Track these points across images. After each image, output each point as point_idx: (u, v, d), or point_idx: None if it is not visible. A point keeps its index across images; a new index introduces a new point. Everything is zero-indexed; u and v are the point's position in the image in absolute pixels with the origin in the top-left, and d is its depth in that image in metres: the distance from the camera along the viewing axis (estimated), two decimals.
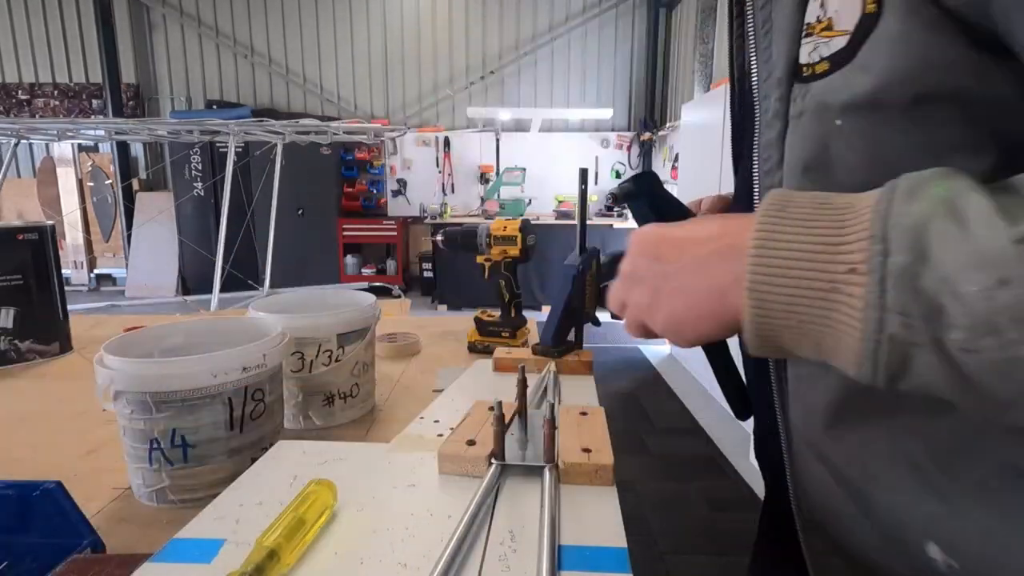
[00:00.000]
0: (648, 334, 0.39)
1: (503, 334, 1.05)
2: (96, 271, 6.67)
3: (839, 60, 0.35)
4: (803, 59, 0.37)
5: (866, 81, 0.33)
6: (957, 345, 0.24)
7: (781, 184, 0.40)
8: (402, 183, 6.66)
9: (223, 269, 2.91)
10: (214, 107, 6.24)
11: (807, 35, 0.37)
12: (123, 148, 6.35)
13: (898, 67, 0.32)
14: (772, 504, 0.60)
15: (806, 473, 0.44)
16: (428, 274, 5.85)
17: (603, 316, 0.89)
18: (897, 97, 0.33)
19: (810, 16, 0.37)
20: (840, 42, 0.34)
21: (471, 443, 0.52)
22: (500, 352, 0.85)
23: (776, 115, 0.40)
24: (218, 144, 5.36)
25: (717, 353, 0.59)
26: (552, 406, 0.51)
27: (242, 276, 3.90)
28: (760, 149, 0.42)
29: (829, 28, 0.35)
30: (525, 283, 3.87)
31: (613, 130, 6.59)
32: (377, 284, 5.17)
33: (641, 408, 3.26)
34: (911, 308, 0.25)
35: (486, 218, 5.41)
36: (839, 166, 0.36)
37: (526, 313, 1.09)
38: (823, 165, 0.37)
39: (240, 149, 4.44)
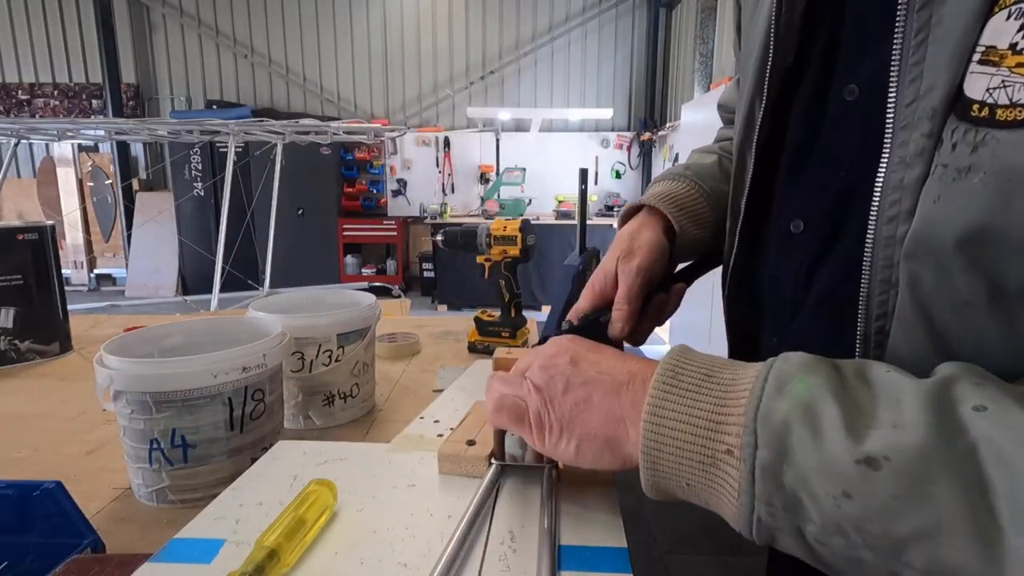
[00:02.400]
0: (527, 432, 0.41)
1: (503, 334, 1.05)
2: (96, 271, 6.67)
3: None
4: (975, 93, 0.29)
5: None
6: (812, 536, 0.27)
7: (904, 240, 0.33)
8: (402, 183, 6.66)
9: (223, 269, 2.92)
10: (214, 107, 6.24)
11: (987, 62, 0.29)
12: (123, 148, 6.35)
13: None
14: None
15: None
16: (428, 274, 5.85)
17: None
18: None
19: (996, 38, 0.28)
20: None
21: (471, 443, 0.52)
22: (500, 352, 0.85)
23: (919, 154, 0.32)
24: (218, 144, 5.36)
25: None
26: None
27: (242, 276, 3.90)
28: (886, 190, 0.34)
29: (1004, 52, 0.28)
30: (525, 283, 3.86)
31: (613, 130, 6.59)
32: (377, 284, 5.18)
33: None
34: (775, 500, 0.28)
35: (486, 218, 5.41)
36: (1020, 248, 0.28)
37: (526, 313, 1.09)
38: (994, 242, 0.29)
39: (240, 149, 4.45)
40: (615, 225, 0.63)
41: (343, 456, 0.54)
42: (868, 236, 0.35)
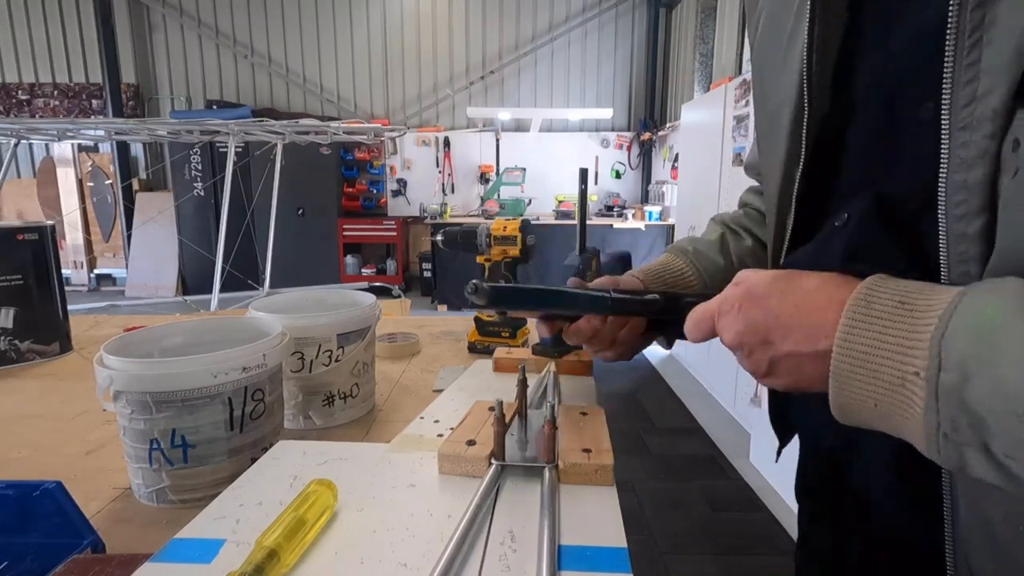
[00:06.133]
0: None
1: (503, 334, 1.05)
2: (96, 271, 6.67)
3: None
4: None
5: None
6: (1000, 451, 0.28)
7: (980, 234, 0.33)
8: (402, 183, 6.66)
9: (223, 269, 2.91)
10: (214, 107, 6.24)
11: None
12: (123, 148, 6.35)
13: None
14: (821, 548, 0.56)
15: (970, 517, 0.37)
16: (428, 274, 5.85)
17: None
18: None
19: None
20: None
21: (471, 443, 0.52)
22: (500, 352, 0.85)
23: (982, 155, 0.32)
24: (218, 144, 5.36)
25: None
26: (552, 406, 0.51)
27: (242, 276, 3.91)
28: (950, 190, 0.34)
29: None
30: (525, 283, 3.81)
31: (613, 130, 6.59)
32: (377, 284, 5.18)
33: (641, 408, 3.26)
34: (959, 417, 0.29)
35: (486, 218, 5.41)
36: None
37: None
38: None
39: (240, 149, 4.45)
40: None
41: (343, 456, 0.54)
42: (940, 233, 0.35)
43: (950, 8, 0.33)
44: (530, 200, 5.93)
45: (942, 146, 0.34)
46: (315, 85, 6.54)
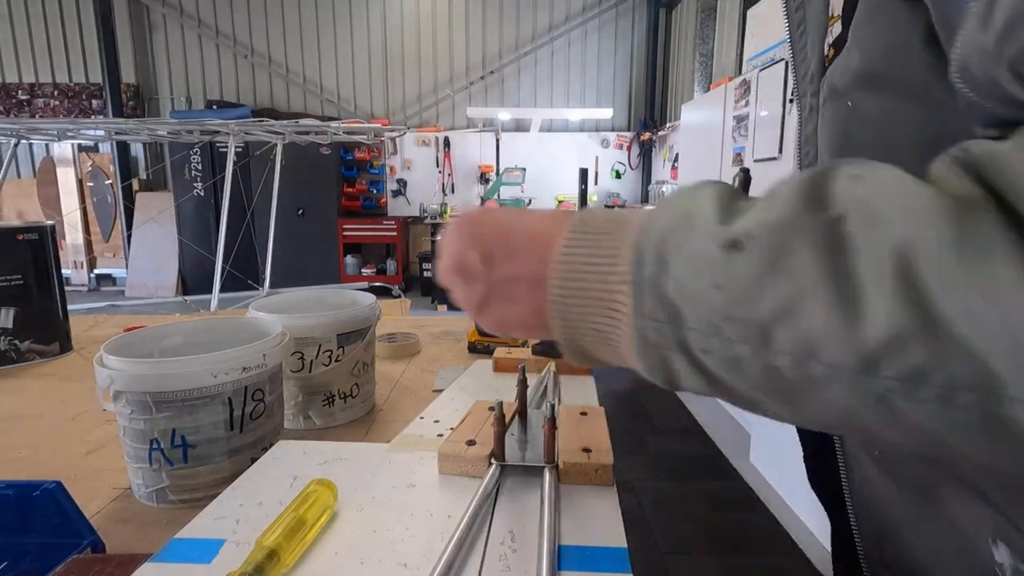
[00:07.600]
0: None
1: None
2: (96, 271, 6.67)
3: (839, 44, 0.37)
4: (824, 51, 0.40)
5: (856, 60, 0.35)
6: (696, 346, 0.26)
7: None
8: (402, 183, 6.66)
9: (223, 269, 2.91)
10: (214, 107, 6.24)
11: (828, 28, 0.40)
12: (123, 148, 6.35)
13: (879, 46, 0.33)
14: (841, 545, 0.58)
15: (865, 483, 0.42)
16: (428, 274, 5.85)
17: None
18: (890, 75, 0.33)
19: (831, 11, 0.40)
20: (839, 28, 0.38)
21: (471, 443, 0.52)
22: (500, 352, 0.85)
23: (812, 110, 0.42)
24: (218, 144, 5.36)
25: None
26: (552, 406, 0.51)
27: (242, 276, 3.91)
28: (800, 144, 0.44)
29: (833, 16, 0.39)
30: None
31: (613, 130, 6.59)
32: (377, 284, 5.18)
33: (641, 408, 3.26)
34: (659, 313, 0.27)
35: None
36: (860, 149, 0.36)
37: None
38: (847, 150, 0.38)
39: (240, 149, 4.45)
40: None
41: (343, 456, 0.54)
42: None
43: (783, 9, 0.44)
44: (530, 200, 5.94)
45: (797, 107, 0.45)
46: (315, 85, 6.54)
